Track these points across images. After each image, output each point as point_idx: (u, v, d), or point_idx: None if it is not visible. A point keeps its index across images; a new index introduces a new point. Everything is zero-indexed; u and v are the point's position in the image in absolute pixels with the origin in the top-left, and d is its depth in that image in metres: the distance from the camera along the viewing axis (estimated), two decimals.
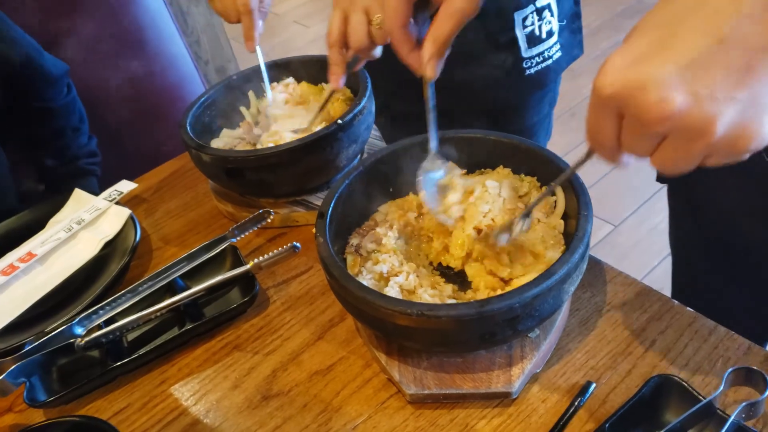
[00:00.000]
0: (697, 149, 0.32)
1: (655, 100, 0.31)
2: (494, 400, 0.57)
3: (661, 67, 0.31)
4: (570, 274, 0.52)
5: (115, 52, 1.30)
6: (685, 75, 0.31)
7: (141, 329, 0.70)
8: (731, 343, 0.57)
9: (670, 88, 0.31)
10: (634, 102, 0.32)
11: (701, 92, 0.31)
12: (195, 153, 0.78)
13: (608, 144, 0.36)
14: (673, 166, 0.34)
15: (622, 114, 0.34)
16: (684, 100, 0.31)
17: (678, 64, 0.31)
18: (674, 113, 0.31)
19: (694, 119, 0.31)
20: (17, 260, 0.77)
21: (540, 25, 0.92)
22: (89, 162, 1.17)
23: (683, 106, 0.31)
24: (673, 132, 0.32)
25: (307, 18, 3.60)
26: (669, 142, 0.33)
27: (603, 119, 0.35)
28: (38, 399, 0.61)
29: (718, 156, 0.33)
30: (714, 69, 0.30)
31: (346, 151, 0.79)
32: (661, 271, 1.83)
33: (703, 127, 0.31)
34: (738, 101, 0.30)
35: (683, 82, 0.31)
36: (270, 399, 0.61)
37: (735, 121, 0.31)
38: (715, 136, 0.31)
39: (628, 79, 0.32)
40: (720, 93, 0.30)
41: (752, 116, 0.31)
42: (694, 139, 0.32)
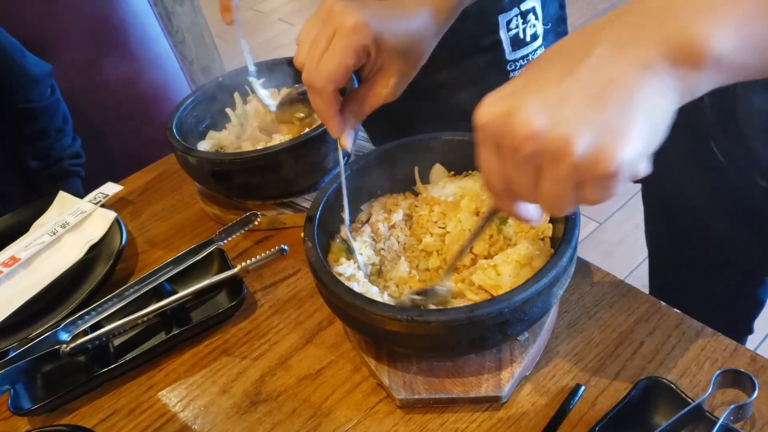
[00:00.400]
0: (563, 171, 0.35)
1: (520, 121, 0.35)
2: (484, 404, 0.57)
3: (525, 97, 0.36)
4: (558, 278, 0.53)
5: (99, 52, 1.28)
6: (545, 103, 0.35)
7: (127, 334, 0.69)
8: (718, 344, 0.58)
9: (532, 113, 0.35)
10: (504, 125, 0.36)
11: (559, 116, 0.35)
12: (181, 155, 0.78)
13: (498, 184, 0.40)
14: (555, 200, 0.37)
15: (500, 145, 0.38)
16: (544, 121, 0.35)
17: (540, 95, 0.35)
18: (536, 132, 0.35)
19: (553, 137, 0.34)
20: (0, 264, 0.75)
21: (524, 28, 0.92)
22: (73, 163, 1.15)
23: (543, 126, 0.35)
24: (539, 155, 0.36)
25: (292, 16, 3.58)
26: (542, 172, 0.37)
27: (486, 154, 0.39)
28: (23, 407, 0.60)
29: (589, 184, 0.36)
30: (571, 98, 0.35)
31: (333, 154, 0.78)
32: (645, 268, 1.84)
33: (563, 146, 0.34)
34: (592, 124, 0.34)
35: (544, 108, 0.35)
36: (259, 404, 0.61)
37: (591, 142, 0.34)
38: (574, 156, 0.34)
39: (499, 109, 0.37)
40: (576, 117, 0.34)
41: (607, 140, 0.34)
42: (558, 159, 0.35)
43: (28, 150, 1.09)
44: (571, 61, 0.36)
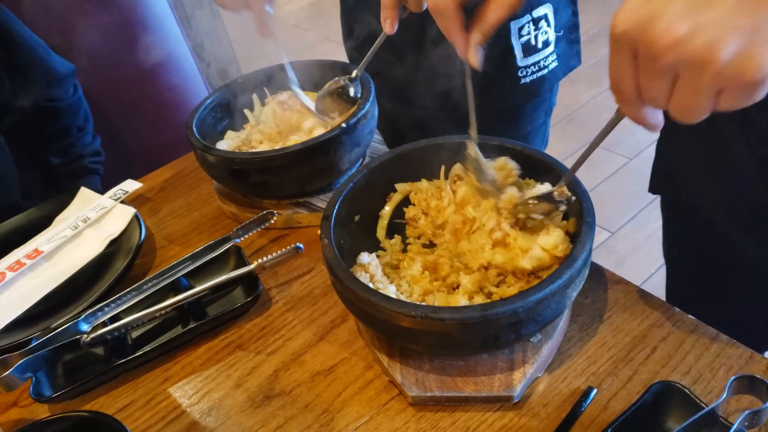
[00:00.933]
0: (706, 80, 0.34)
1: (661, 30, 0.33)
2: (496, 404, 0.57)
3: (668, 3, 0.34)
4: (573, 280, 0.53)
5: (120, 53, 1.31)
6: (690, 7, 0.33)
7: (145, 327, 0.70)
8: (733, 351, 0.58)
9: (676, 19, 0.33)
10: (644, 34, 0.34)
11: (705, 21, 0.33)
12: (201, 154, 0.79)
13: (628, 91, 0.38)
14: (690, 109, 0.36)
15: (637, 53, 0.36)
16: (688, 28, 0.33)
17: (680, 4, 0.33)
18: (680, 40, 0.33)
19: (698, 45, 0.33)
20: (24, 257, 0.77)
21: (536, 35, 0.93)
22: (93, 161, 1.17)
23: (687, 34, 0.33)
24: (681, 64, 0.34)
25: (306, 21, 3.61)
26: (681, 81, 0.35)
27: (620, 62, 0.37)
28: (44, 394, 0.62)
29: (731, 92, 0.34)
30: (718, 2, 0.33)
31: (349, 155, 0.79)
32: (658, 278, 1.84)
33: (708, 54, 0.33)
34: (742, 30, 0.32)
35: (689, 13, 0.33)
36: (272, 398, 0.62)
37: (739, 48, 0.32)
38: (720, 63, 0.33)
39: (639, 15, 0.35)
40: (723, 22, 0.32)
41: (757, 44, 0.32)
42: (701, 67, 0.33)
43: (51, 147, 1.12)
44: None
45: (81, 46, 1.24)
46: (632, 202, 2.10)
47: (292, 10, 3.74)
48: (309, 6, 3.78)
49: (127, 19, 1.30)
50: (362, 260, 0.63)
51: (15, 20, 1.04)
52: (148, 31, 1.33)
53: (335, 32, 3.75)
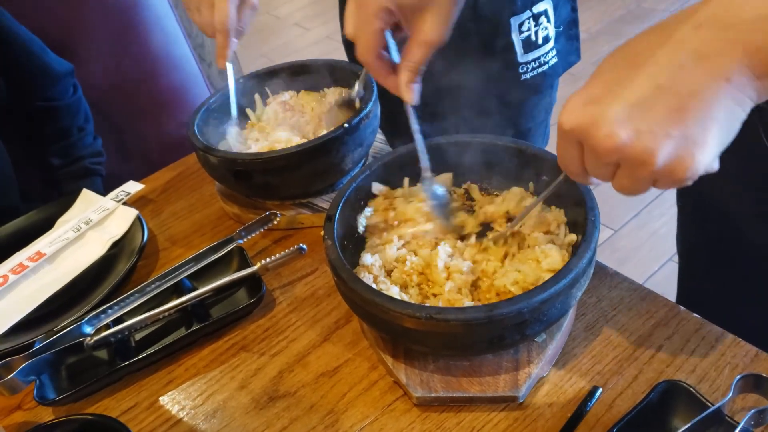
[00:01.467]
0: (643, 176, 0.38)
1: (604, 135, 0.37)
2: (501, 404, 0.57)
3: (609, 107, 0.37)
4: (578, 279, 0.53)
5: (120, 53, 1.30)
6: (629, 114, 0.36)
7: (148, 329, 0.70)
8: (738, 350, 0.57)
9: (617, 125, 0.37)
10: (588, 135, 0.38)
11: (642, 128, 0.36)
12: (202, 155, 0.79)
13: (575, 169, 0.43)
14: (629, 191, 0.41)
15: (582, 146, 0.40)
16: (628, 135, 0.36)
17: (623, 105, 0.37)
18: (620, 146, 0.37)
19: (636, 151, 0.37)
20: (26, 259, 0.77)
21: (536, 30, 0.93)
22: (94, 162, 1.17)
23: (627, 140, 0.37)
24: (621, 161, 0.38)
25: (308, 20, 3.60)
26: (621, 170, 0.40)
27: (567, 148, 0.42)
28: (48, 397, 0.62)
29: (664, 182, 0.38)
30: (653, 110, 0.36)
31: (351, 155, 0.79)
32: (661, 276, 1.84)
33: (645, 158, 0.36)
34: (673, 137, 0.36)
35: (627, 119, 0.36)
36: (277, 400, 0.62)
37: (671, 153, 0.36)
38: (655, 166, 0.36)
39: (584, 116, 0.38)
40: (658, 129, 0.36)
41: (686, 150, 0.36)
42: (639, 167, 0.37)
43: (51, 148, 1.12)
44: (654, 69, 0.36)
45: (81, 47, 1.24)
46: (635, 200, 2.09)
47: (292, 9, 3.74)
48: (309, 5, 3.78)
49: (127, 19, 1.30)
50: (365, 261, 0.63)
51: (10, 19, 1.03)
52: (148, 30, 1.32)
53: (335, 31, 3.75)
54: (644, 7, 3.03)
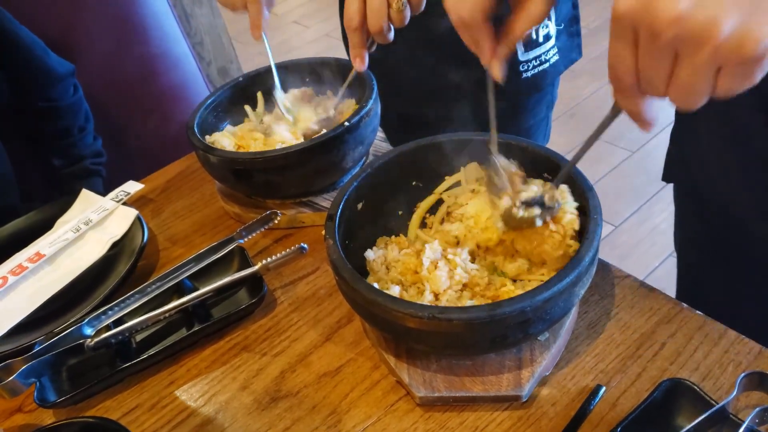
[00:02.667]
0: (705, 56, 0.34)
1: (663, 6, 0.34)
2: (504, 403, 0.57)
3: None
4: (580, 278, 0.53)
5: (119, 53, 1.30)
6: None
7: (149, 330, 0.70)
8: (742, 347, 0.57)
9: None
10: (646, 12, 0.35)
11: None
12: (202, 154, 0.79)
13: (627, 78, 0.39)
14: (689, 91, 0.37)
15: (637, 36, 0.37)
16: (689, 3, 0.34)
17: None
18: (681, 15, 0.34)
19: (698, 20, 0.34)
20: (26, 260, 0.77)
21: (537, 28, 0.92)
22: (95, 162, 1.17)
23: (689, 8, 0.34)
24: (682, 40, 0.35)
25: (307, 18, 3.59)
26: (680, 60, 0.36)
27: (620, 46, 0.38)
28: (48, 399, 0.62)
29: (729, 70, 0.35)
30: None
31: (352, 153, 0.79)
32: (662, 272, 1.84)
33: (708, 28, 0.33)
34: (741, 5, 0.33)
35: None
36: (279, 400, 0.62)
37: (738, 23, 0.33)
38: (719, 38, 0.33)
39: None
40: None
41: (756, 20, 0.33)
42: (701, 42, 0.34)
43: (51, 148, 1.11)
44: None
45: (80, 46, 1.23)
46: (635, 196, 2.09)
47: (291, 6, 3.73)
48: (309, 3, 3.77)
49: (126, 19, 1.29)
50: (368, 256, 0.63)
51: (11, 19, 1.03)
52: (147, 30, 1.32)
53: (335, 28, 3.75)
54: None
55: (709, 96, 0.37)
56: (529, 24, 0.51)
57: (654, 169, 2.19)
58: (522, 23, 0.51)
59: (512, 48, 0.53)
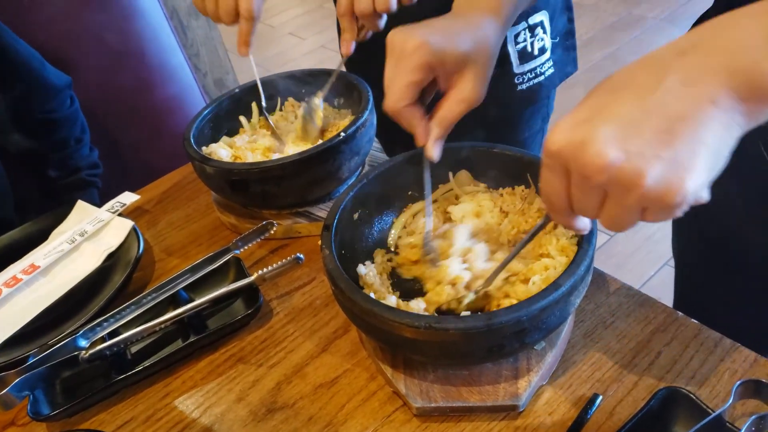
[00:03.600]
0: (632, 201, 0.37)
1: (592, 154, 0.36)
2: (501, 413, 0.56)
3: (599, 127, 0.37)
4: (576, 287, 0.53)
5: (116, 64, 1.31)
6: (617, 135, 0.36)
7: (145, 341, 0.70)
8: (737, 355, 0.57)
9: (606, 145, 0.36)
10: (576, 155, 0.37)
11: (631, 149, 0.36)
12: (199, 165, 0.79)
13: (560, 203, 0.41)
14: (617, 223, 0.39)
15: (569, 171, 0.39)
16: (617, 154, 0.36)
17: (613, 126, 0.36)
18: (609, 165, 0.36)
19: (626, 172, 0.36)
20: (20, 272, 0.76)
21: (532, 41, 0.93)
22: (91, 173, 1.17)
23: (616, 160, 0.36)
24: (610, 185, 0.37)
25: (303, 30, 3.61)
26: (609, 198, 0.38)
27: (553, 177, 0.40)
28: (42, 412, 0.61)
29: (653, 210, 0.37)
30: (642, 132, 0.36)
31: (348, 163, 0.79)
32: (658, 281, 1.84)
33: (634, 179, 0.35)
34: (663, 159, 0.35)
35: (616, 140, 0.36)
36: (275, 412, 0.61)
37: (661, 176, 0.35)
38: (644, 188, 0.35)
39: (572, 137, 0.37)
40: (647, 151, 0.35)
41: (676, 173, 0.35)
42: (628, 190, 0.36)
43: (48, 159, 1.11)
44: (641, 93, 0.37)
45: (77, 58, 1.23)
46: None
47: (287, 18, 3.75)
48: (304, 14, 3.79)
49: (122, 31, 1.30)
50: (360, 272, 0.63)
51: (8, 32, 1.03)
52: (143, 41, 1.32)
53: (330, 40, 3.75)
54: (635, 15, 3.05)
55: (635, 224, 0.39)
56: (457, 110, 0.55)
57: None
58: (451, 108, 0.55)
59: (447, 129, 0.56)
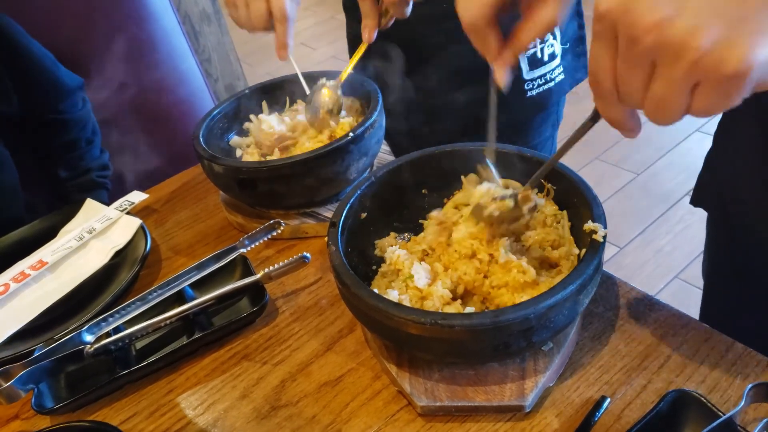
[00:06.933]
0: (683, 69, 0.32)
1: (644, 10, 0.32)
2: (507, 414, 0.56)
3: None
4: (585, 286, 0.52)
5: (128, 68, 1.32)
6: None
7: (150, 337, 0.69)
8: (750, 360, 0.56)
9: (661, 3, 0.32)
10: (626, 13, 0.33)
11: (689, 4, 0.31)
12: (207, 164, 0.79)
13: (606, 83, 0.37)
14: (663, 108, 0.35)
15: (617, 38, 0.35)
16: (671, 10, 0.32)
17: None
18: (661, 21, 0.32)
19: (678, 29, 0.32)
20: (28, 268, 0.77)
21: (542, 48, 0.93)
22: (101, 175, 1.17)
23: (670, 15, 0.32)
24: (660, 49, 0.33)
25: (314, 40, 3.65)
26: (657, 71, 0.34)
27: (601, 48, 0.36)
28: (46, 406, 0.61)
29: (707, 87, 0.33)
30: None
31: (356, 164, 0.79)
32: (667, 294, 1.82)
33: (687, 39, 0.31)
34: (727, 18, 0.31)
35: (673, 1, 0.32)
36: (279, 409, 0.61)
37: (721, 36, 0.31)
38: (699, 50, 0.31)
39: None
40: (708, 7, 0.31)
41: (741, 35, 0.31)
42: (679, 53, 0.32)
43: (59, 160, 1.12)
44: None
45: (90, 61, 1.25)
46: (640, 218, 2.09)
47: (299, 29, 3.79)
48: (315, 25, 3.83)
49: (135, 34, 1.31)
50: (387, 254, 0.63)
51: (22, 33, 1.05)
52: (156, 46, 1.34)
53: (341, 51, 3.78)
54: None
55: (683, 114, 0.35)
56: (536, 31, 0.49)
57: (659, 191, 2.18)
58: (530, 29, 0.49)
59: (519, 52, 0.51)
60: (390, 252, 0.63)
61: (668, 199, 2.14)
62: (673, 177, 2.22)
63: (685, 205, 2.08)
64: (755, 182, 0.69)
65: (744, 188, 0.71)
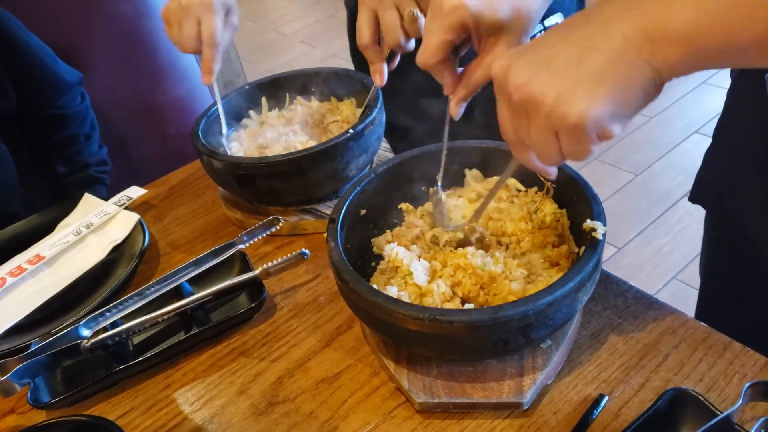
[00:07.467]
0: (542, 121, 0.41)
1: (512, 75, 0.43)
2: (505, 411, 0.56)
3: (523, 56, 0.43)
4: (584, 283, 0.52)
5: (127, 63, 1.31)
6: (536, 60, 0.42)
7: (147, 333, 0.69)
8: (747, 359, 0.56)
9: (524, 68, 0.42)
10: (504, 75, 0.44)
11: (542, 72, 0.41)
12: (206, 159, 0.79)
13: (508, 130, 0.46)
14: (543, 153, 0.44)
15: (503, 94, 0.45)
16: (529, 76, 0.42)
17: (535, 55, 0.43)
18: (522, 83, 0.42)
19: (534, 89, 0.41)
20: (25, 262, 0.77)
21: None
22: (99, 170, 1.17)
23: (529, 78, 0.42)
24: (525, 104, 0.42)
25: (314, 39, 3.64)
26: (530, 121, 0.43)
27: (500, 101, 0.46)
28: (42, 400, 0.61)
29: (563, 136, 0.41)
30: (558, 59, 0.41)
31: (356, 161, 0.79)
32: (665, 295, 1.82)
33: (539, 97, 0.41)
34: (566, 81, 0.40)
35: (533, 65, 0.42)
36: (276, 405, 0.61)
37: (561, 93, 0.40)
38: (548, 105, 0.40)
39: (503, 63, 0.44)
40: (555, 73, 0.41)
41: (575, 94, 0.40)
42: (537, 108, 0.41)
43: (57, 155, 1.12)
44: (568, 31, 0.42)
45: (89, 56, 1.24)
46: (639, 219, 2.08)
47: (299, 27, 3.78)
48: (316, 23, 3.82)
49: (134, 30, 1.31)
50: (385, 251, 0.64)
51: (21, 28, 1.04)
52: (154, 41, 1.33)
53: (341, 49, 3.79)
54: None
55: (561, 156, 0.43)
56: (484, 76, 0.55)
57: (658, 191, 2.18)
58: (479, 74, 0.55)
59: (470, 92, 0.57)
60: (388, 249, 0.62)
61: (667, 199, 2.14)
62: (672, 178, 2.22)
63: (684, 206, 2.08)
64: (752, 179, 0.69)
65: (741, 184, 0.72)
